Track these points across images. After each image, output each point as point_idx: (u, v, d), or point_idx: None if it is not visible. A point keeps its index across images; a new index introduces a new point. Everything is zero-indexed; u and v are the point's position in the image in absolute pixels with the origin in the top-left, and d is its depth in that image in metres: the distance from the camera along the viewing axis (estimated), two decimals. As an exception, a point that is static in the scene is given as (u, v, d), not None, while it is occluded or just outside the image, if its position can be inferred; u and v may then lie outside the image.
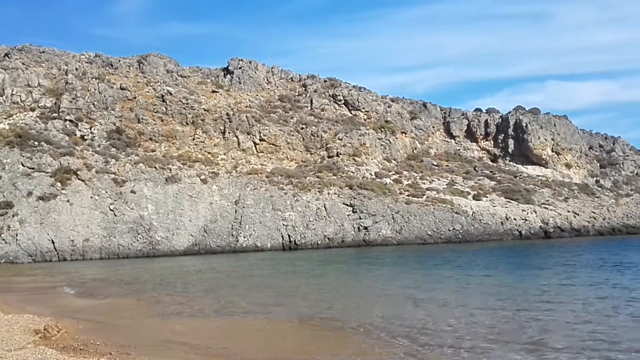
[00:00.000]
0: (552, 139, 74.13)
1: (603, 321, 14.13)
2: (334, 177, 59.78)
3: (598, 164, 78.74)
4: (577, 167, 74.81)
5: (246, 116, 64.26)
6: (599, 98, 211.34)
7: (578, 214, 62.74)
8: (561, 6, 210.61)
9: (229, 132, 62.51)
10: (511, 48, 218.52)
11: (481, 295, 19.83)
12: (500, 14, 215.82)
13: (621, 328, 13.41)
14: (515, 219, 58.50)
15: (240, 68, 75.36)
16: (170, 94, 64.52)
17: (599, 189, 72.30)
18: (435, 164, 69.91)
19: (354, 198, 56.09)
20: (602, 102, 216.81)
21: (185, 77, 71.92)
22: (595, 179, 74.96)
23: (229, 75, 74.84)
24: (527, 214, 59.74)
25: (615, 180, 76.04)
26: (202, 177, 55.81)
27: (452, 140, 77.07)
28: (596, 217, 63.80)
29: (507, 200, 61.77)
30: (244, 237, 51.01)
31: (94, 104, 60.96)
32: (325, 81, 77.16)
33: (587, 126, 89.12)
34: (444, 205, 57.72)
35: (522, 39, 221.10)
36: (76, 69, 65.88)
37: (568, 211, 62.65)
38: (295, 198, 55.02)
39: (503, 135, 75.92)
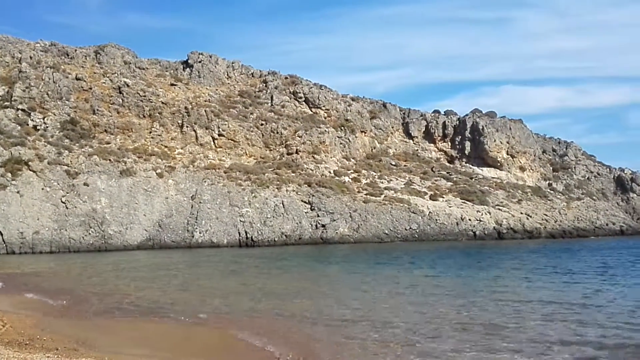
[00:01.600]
0: (508, 142, 75.65)
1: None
2: (293, 174, 59.61)
3: (551, 168, 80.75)
4: (531, 170, 76.55)
5: (205, 110, 63.43)
6: (553, 104, 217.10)
7: (531, 216, 64.19)
8: (521, 13, 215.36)
9: (187, 126, 61.59)
10: (470, 52, 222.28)
11: (417, 294, 19.80)
12: (462, 18, 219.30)
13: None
14: (470, 219, 59.46)
15: (200, 62, 74.35)
16: (128, 85, 63.17)
17: (552, 192, 74.13)
18: (393, 163, 70.48)
19: (313, 196, 56.04)
20: (557, 108, 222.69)
21: (144, 69, 70.54)
22: (548, 182, 76.86)
23: (188, 69, 73.75)
24: (482, 215, 60.81)
25: (567, 184, 78.09)
26: (158, 171, 54.83)
27: (411, 141, 77.82)
28: (548, 220, 65.39)
29: (463, 201, 62.73)
30: (200, 233, 50.34)
31: (48, 94, 59.16)
32: (286, 78, 76.87)
33: (541, 131, 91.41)
34: (401, 204, 58.24)
35: (482, 43, 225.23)
36: (30, 58, 63.81)
37: (521, 213, 64.03)
38: (253, 194, 54.62)
39: (460, 137, 77.08)
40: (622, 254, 36.68)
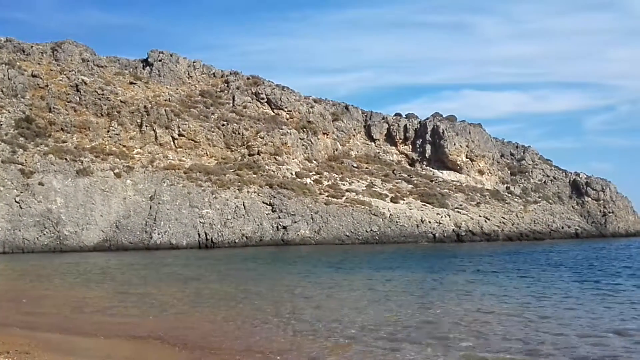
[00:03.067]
0: (467, 146, 76.78)
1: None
2: (254, 176, 59.22)
3: (509, 172, 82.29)
4: (490, 174, 77.86)
5: (165, 110, 62.49)
6: (511, 108, 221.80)
7: (489, 219, 65.26)
8: (478, 19, 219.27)
9: (146, 126, 60.53)
10: (430, 56, 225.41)
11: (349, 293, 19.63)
12: (419, 22, 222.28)
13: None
14: (430, 222, 60.09)
15: (160, 60, 73.25)
16: (85, 83, 61.79)
17: (509, 195, 75.55)
18: (355, 165, 70.75)
19: (274, 197, 55.78)
20: (514, 113, 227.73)
21: (102, 67, 69.10)
22: (505, 185, 78.30)
23: (148, 68, 72.56)
24: (442, 217, 61.53)
25: (524, 187, 79.70)
26: (116, 170, 53.75)
27: (373, 143, 78.27)
28: (505, 223, 66.61)
29: (423, 203, 63.37)
30: (159, 234, 49.53)
31: (2, 91, 57.47)
32: (248, 78, 76.37)
33: (499, 135, 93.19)
34: (363, 206, 58.47)
35: (440, 48, 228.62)
36: (-17, 53, 61.84)
37: (480, 216, 65.04)
38: (214, 195, 54.05)
39: (421, 140, 77.90)
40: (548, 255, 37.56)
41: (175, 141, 61.06)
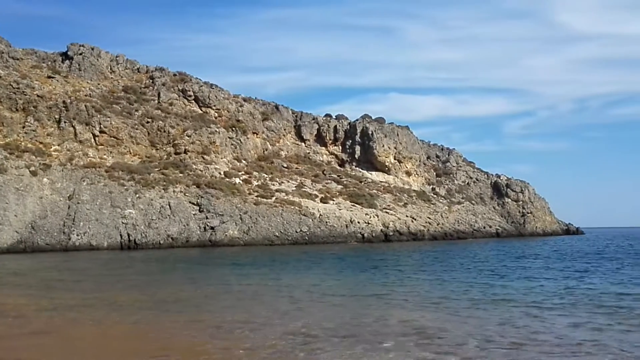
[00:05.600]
0: (395, 148, 77.87)
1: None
2: (181, 175, 57.42)
3: (434, 173, 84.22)
4: (416, 175, 79.30)
5: (85, 105, 59.60)
6: (436, 112, 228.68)
7: (415, 219, 66.32)
8: (405, 24, 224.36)
9: (65, 122, 57.46)
10: (358, 58, 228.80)
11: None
12: (347, 24, 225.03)
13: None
14: (359, 222, 60.32)
15: (81, 54, 69.91)
16: (-1, 76, 58.04)
17: (435, 196, 77.21)
18: (285, 166, 70.12)
19: (201, 197, 54.26)
20: (439, 116, 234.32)
21: (18, 59, 65.14)
22: (431, 186, 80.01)
23: (67, 61, 69.08)
24: (370, 217, 61.93)
25: (449, 188, 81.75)
26: (32, 168, 50.64)
27: (303, 144, 77.94)
28: (431, 222, 67.94)
29: (352, 204, 63.57)
30: (77, 235, 47.00)
31: None
32: (174, 75, 74.18)
33: (425, 137, 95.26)
34: (292, 207, 57.92)
35: (367, 50, 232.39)
36: None
37: (406, 216, 65.98)
38: (137, 195, 51.93)
39: (351, 141, 78.32)
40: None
41: (96, 138, 58.32)
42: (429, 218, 68.94)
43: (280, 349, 9.74)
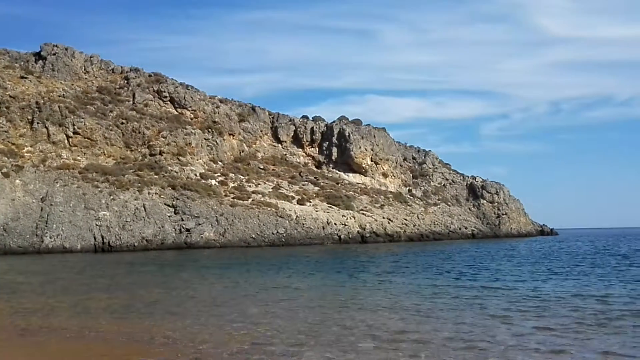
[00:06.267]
0: (372, 150, 78.13)
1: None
2: (156, 177, 56.88)
3: (411, 175, 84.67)
4: (393, 177, 79.64)
5: (59, 106, 58.79)
6: (412, 114, 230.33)
7: (392, 220, 66.59)
8: (382, 26, 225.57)
9: (37, 123, 56.60)
10: (336, 61, 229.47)
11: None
12: (325, 27, 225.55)
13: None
14: (335, 223, 60.36)
15: (54, 54, 68.96)
16: (-32, 75, 56.95)
17: (411, 197, 77.61)
18: (261, 167, 69.90)
19: (177, 199, 53.81)
20: (415, 118, 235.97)
21: (-12, 58, 64.09)
22: (408, 188, 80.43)
23: (41, 61, 68.10)
24: (347, 219, 62.01)
25: (425, 190, 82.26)
26: (4, 170, 49.78)
27: (279, 145, 77.80)
28: (407, 224, 68.25)
29: (329, 205, 63.60)
30: (51, 238, 46.27)
31: None
32: (150, 76, 73.51)
33: (402, 139, 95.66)
34: (269, 208, 57.73)
35: (346, 53, 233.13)
36: None
37: (383, 217, 66.21)
38: (112, 197, 51.30)
39: (327, 143, 78.39)
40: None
41: (70, 139, 57.54)
42: (406, 219, 69.26)
43: (235, 353, 9.63)
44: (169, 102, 70.23)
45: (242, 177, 64.56)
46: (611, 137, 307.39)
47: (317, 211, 61.17)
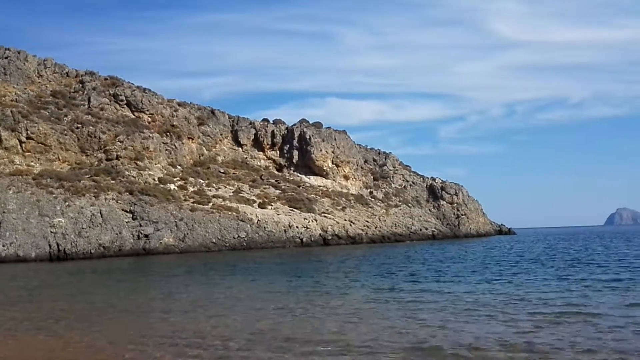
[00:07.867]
0: (333, 152, 78.29)
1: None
2: (113, 182, 55.72)
3: (372, 177, 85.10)
4: (354, 179, 79.93)
5: (11, 111, 57.10)
6: (372, 116, 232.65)
7: (354, 223, 66.80)
8: (341, 29, 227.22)
9: (-12, 128, 54.82)
10: (295, 64, 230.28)
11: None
12: (281, 30, 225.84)
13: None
14: (297, 227, 60.21)
15: (6, 58, 66.98)
16: None
17: (372, 199, 78.01)
18: (222, 171, 69.26)
19: (135, 204, 52.80)
20: (375, 121, 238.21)
21: None
22: (369, 190, 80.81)
23: (-8, 65, 66.04)
24: (309, 222, 61.94)
25: (386, 192, 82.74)
26: (-48, 177, 48.02)
27: (240, 149, 77.25)
28: (369, 226, 68.56)
29: (291, 208, 63.43)
30: (4, 246, 44.73)
31: None
32: (105, 79, 72.07)
33: (363, 141, 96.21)
34: (230, 212, 57.22)
35: (305, 56, 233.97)
36: None
37: (345, 220, 66.37)
38: (67, 203, 50.00)
39: (288, 146, 78.22)
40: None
41: (23, 145, 55.90)
42: (367, 221, 69.55)
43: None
44: (125, 106, 68.97)
45: (202, 181, 63.84)
46: (565, 138, 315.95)
47: (278, 214, 60.91)
